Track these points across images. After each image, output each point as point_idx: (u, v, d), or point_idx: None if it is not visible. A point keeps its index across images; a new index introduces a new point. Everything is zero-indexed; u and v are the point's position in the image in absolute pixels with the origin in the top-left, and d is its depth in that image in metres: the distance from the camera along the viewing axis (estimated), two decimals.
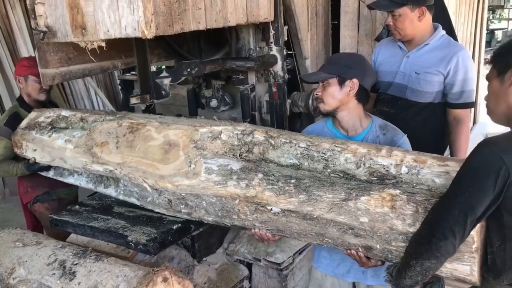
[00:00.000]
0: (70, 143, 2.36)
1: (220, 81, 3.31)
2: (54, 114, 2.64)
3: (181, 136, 2.07)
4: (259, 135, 2.03)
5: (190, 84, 3.34)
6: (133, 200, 2.28)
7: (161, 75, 2.57)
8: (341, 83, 2.08)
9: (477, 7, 5.41)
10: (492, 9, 17.18)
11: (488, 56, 11.69)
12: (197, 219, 2.12)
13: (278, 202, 1.80)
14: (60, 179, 2.70)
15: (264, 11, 2.74)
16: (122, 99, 6.18)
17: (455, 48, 2.62)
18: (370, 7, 2.77)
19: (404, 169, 1.76)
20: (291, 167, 1.93)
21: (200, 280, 2.58)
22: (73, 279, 1.88)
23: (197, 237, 2.58)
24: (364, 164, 1.83)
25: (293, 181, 1.82)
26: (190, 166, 1.97)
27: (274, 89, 3.11)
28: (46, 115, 2.67)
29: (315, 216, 1.75)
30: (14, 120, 2.87)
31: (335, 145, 1.91)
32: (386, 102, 2.83)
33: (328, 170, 1.87)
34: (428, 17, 2.59)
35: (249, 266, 2.82)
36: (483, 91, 6.40)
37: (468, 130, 2.74)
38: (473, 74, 2.68)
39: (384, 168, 1.80)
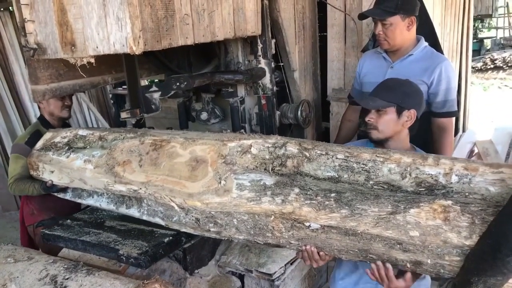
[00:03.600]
0: (90, 163, 2.29)
1: (210, 94, 3.35)
2: (71, 134, 2.58)
3: (209, 152, 1.99)
4: (292, 147, 1.93)
5: (180, 97, 3.37)
6: (157, 220, 2.18)
7: (151, 89, 2.60)
8: (399, 112, 1.98)
9: (463, 17, 5.48)
10: (481, 18, 17.39)
11: (478, 65, 11.76)
12: (226, 238, 2.01)
13: (318, 218, 1.70)
14: (79, 201, 2.61)
15: (252, 25, 2.79)
16: (114, 113, 6.19)
17: (438, 59, 2.67)
18: (362, 16, 2.82)
19: (454, 178, 1.67)
20: (329, 180, 1.83)
21: None
22: None
23: (189, 250, 2.59)
24: (410, 174, 1.73)
25: (333, 195, 1.71)
26: (220, 182, 1.88)
27: (263, 101, 3.15)
28: (62, 135, 2.61)
29: (359, 231, 1.64)
30: (35, 140, 2.83)
31: (376, 155, 1.81)
32: None
33: (371, 182, 1.77)
34: (415, 27, 2.65)
35: (241, 277, 2.83)
36: (471, 99, 6.46)
37: (452, 138, 2.78)
38: (456, 84, 2.74)
39: (432, 178, 1.70)
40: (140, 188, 2.06)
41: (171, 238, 2.31)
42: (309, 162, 1.88)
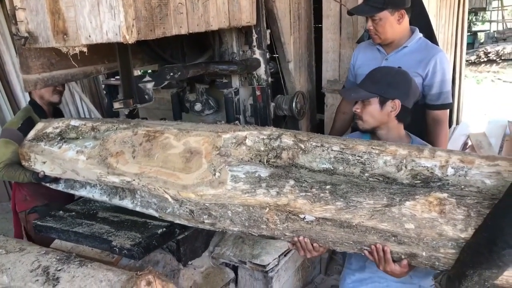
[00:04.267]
0: (83, 154, 2.25)
1: (204, 85, 3.32)
2: (63, 124, 2.53)
3: (203, 143, 1.97)
4: (287, 139, 1.91)
5: (174, 88, 3.35)
6: (151, 211, 2.16)
7: (144, 79, 2.57)
8: (382, 103, 1.99)
9: (458, 9, 5.48)
10: (475, 11, 17.41)
11: (471, 58, 11.78)
12: (220, 230, 2.00)
13: (313, 210, 1.69)
14: (71, 192, 2.58)
15: (247, 15, 2.76)
16: (107, 104, 6.15)
17: (433, 50, 2.65)
18: (350, 13, 2.80)
19: (450, 171, 1.65)
20: (324, 172, 1.81)
21: (186, 284, 2.58)
22: (56, 285, 1.87)
23: (183, 241, 2.58)
24: (405, 167, 1.71)
25: (328, 187, 1.70)
26: (214, 174, 1.87)
27: (258, 93, 3.13)
28: (54, 126, 2.55)
29: (354, 224, 1.64)
30: (27, 127, 2.79)
31: (372, 147, 1.79)
32: None
33: (366, 174, 1.75)
34: (407, 19, 2.62)
35: (235, 269, 2.83)
36: (465, 91, 6.48)
37: (447, 130, 2.78)
38: (450, 75, 2.73)
39: (428, 170, 1.68)
40: (134, 180, 2.04)
41: (164, 229, 2.30)
42: (304, 154, 1.86)
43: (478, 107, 8.36)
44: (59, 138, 2.45)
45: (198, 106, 3.36)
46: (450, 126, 5.28)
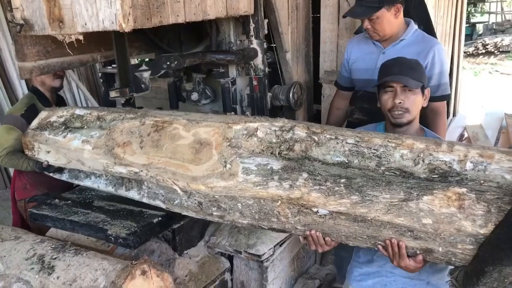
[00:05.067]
0: (88, 143, 2.22)
1: (201, 75, 3.31)
2: (68, 113, 2.49)
3: (213, 134, 1.94)
4: (300, 131, 1.88)
5: (170, 77, 3.33)
6: (158, 203, 2.14)
7: (141, 68, 2.56)
8: (423, 91, 1.95)
9: (457, 0, 5.46)
10: (474, 3, 17.37)
11: (470, 49, 11.74)
12: (229, 222, 1.97)
13: (327, 204, 1.66)
14: (76, 182, 2.54)
15: (244, 4, 2.74)
16: (104, 93, 6.14)
17: (431, 42, 2.64)
18: (344, 16, 2.76)
19: (469, 165, 1.63)
20: (338, 165, 1.78)
21: (181, 273, 2.58)
22: (51, 273, 1.88)
23: (178, 230, 2.58)
24: (423, 161, 1.69)
25: (343, 180, 1.67)
26: (225, 166, 1.84)
27: (255, 83, 3.11)
28: (58, 114, 2.51)
29: (369, 218, 1.62)
30: (31, 113, 2.76)
31: (388, 141, 1.76)
32: (366, 99, 2.83)
33: (382, 168, 1.73)
34: (402, 11, 2.59)
35: (230, 258, 2.84)
36: (462, 83, 6.47)
37: (445, 121, 2.77)
38: (448, 67, 2.72)
39: (446, 165, 1.66)
40: (141, 171, 2.01)
41: (160, 218, 2.30)
42: (318, 147, 1.83)
43: (475, 99, 8.37)
44: (63, 127, 2.42)
45: (194, 96, 3.34)
46: (447, 117, 5.28)
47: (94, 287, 1.79)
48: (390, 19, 2.54)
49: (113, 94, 2.51)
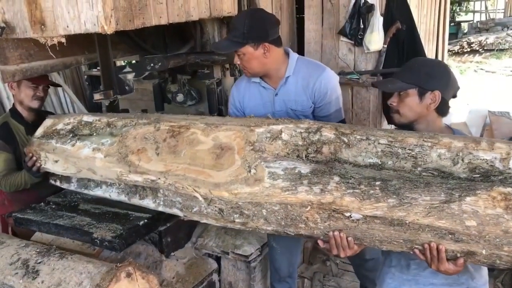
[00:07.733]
0: (100, 151, 2.13)
1: (186, 76, 3.31)
2: (75, 120, 2.40)
3: (235, 138, 1.87)
4: (327, 132, 1.80)
5: (155, 79, 3.33)
6: (175, 211, 2.04)
7: (124, 70, 2.56)
8: (421, 94, 1.85)
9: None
10: (458, 2, 17.54)
11: (455, 48, 11.79)
12: (251, 229, 1.88)
13: (362, 208, 1.58)
14: (85, 191, 2.44)
15: (228, 5, 2.75)
16: (89, 95, 6.10)
17: (316, 72, 2.38)
18: (211, 49, 2.63)
19: None
20: (371, 167, 1.71)
21: (169, 275, 2.58)
22: (36, 277, 1.87)
23: (165, 232, 2.58)
24: (462, 160, 1.61)
25: (378, 183, 1.59)
26: (250, 171, 1.76)
27: None
28: (65, 122, 2.42)
29: (407, 222, 1.54)
30: (2, 131, 2.73)
31: (423, 140, 1.68)
32: None
33: (419, 169, 1.66)
34: (276, 50, 2.30)
35: (217, 259, 2.85)
36: None
37: None
38: (339, 91, 2.45)
39: (487, 163, 1.58)
40: (159, 178, 1.93)
41: (146, 221, 2.29)
42: (348, 148, 1.76)
43: (461, 97, 8.43)
44: (71, 135, 2.33)
45: (180, 97, 3.34)
46: None
47: None
48: (260, 59, 2.28)
49: (97, 96, 2.51)
